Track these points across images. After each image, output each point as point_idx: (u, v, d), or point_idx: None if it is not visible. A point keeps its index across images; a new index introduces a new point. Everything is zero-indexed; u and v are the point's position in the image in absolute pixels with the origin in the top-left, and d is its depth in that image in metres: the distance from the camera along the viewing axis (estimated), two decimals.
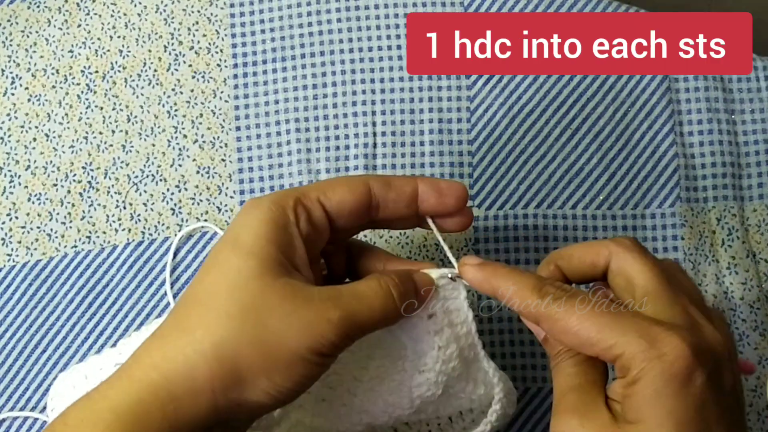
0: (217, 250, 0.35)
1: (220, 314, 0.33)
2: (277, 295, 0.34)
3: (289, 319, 0.33)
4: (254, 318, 0.33)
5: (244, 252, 0.34)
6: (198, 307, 0.34)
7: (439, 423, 0.44)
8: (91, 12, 0.56)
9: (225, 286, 0.34)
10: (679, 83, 0.54)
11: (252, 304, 0.33)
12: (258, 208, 0.36)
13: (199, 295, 0.34)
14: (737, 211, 0.52)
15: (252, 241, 0.35)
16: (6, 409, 0.50)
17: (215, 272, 0.35)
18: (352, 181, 0.38)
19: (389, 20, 0.54)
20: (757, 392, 0.50)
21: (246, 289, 0.34)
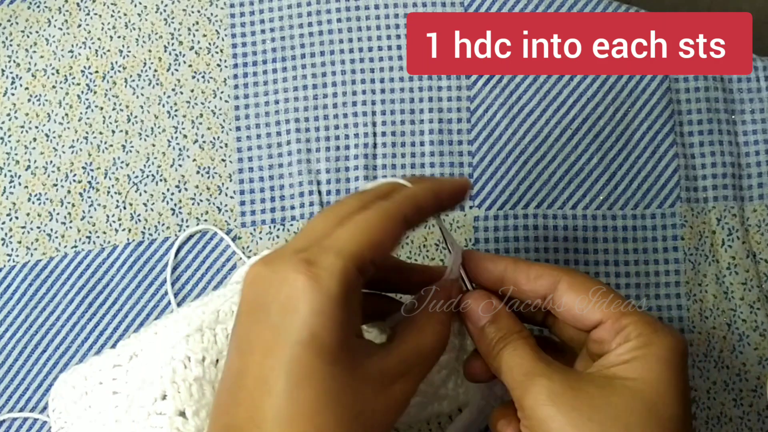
0: (295, 352, 0.29)
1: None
2: (370, 388, 0.31)
3: (383, 411, 0.31)
4: (359, 427, 0.30)
5: (328, 353, 0.29)
6: (302, 426, 0.29)
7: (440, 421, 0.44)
8: (91, 12, 0.56)
9: (320, 402, 0.29)
10: (679, 83, 0.54)
11: (355, 418, 0.30)
12: (322, 285, 0.30)
13: (292, 416, 0.29)
14: (737, 211, 0.52)
15: (333, 337, 0.30)
16: (6, 409, 0.50)
17: (304, 385, 0.29)
18: (392, 223, 0.32)
19: (389, 20, 0.54)
20: (757, 392, 0.50)
21: (343, 403, 0.30)
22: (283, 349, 0.30)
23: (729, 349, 0.50)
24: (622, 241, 0.51)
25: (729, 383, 0.50)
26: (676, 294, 0.51)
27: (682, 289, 0.51)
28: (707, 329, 0.50)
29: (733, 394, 0.50)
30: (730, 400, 0.49)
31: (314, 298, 0.29)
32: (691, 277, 0.51)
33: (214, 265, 0.52)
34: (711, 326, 0.50)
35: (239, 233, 0.52)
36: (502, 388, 0.41)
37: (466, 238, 0.52)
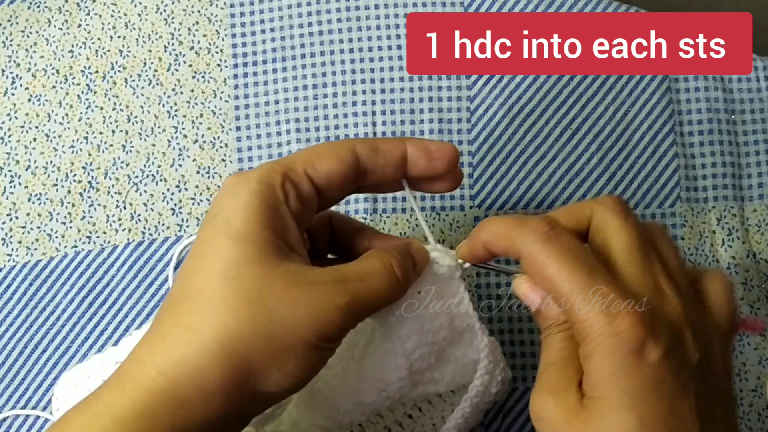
0: (208, 237, 0.33)
1: (225, 308, 0.31)
2: (281, 283, 0.32)
3: (296, 307, 0.32)
4: (261, 309, 0.32)
5: (239, 238, 0.32)
6: (199, 302, 0.32)
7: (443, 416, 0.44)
8: (91, 12, 0.56)
9: (224, 276, 0.32)
10: (679, 83, 0.54)
11: (257, 295, 0.32)
12: (244, 186, 0.34)
13: (198, 288, 0.32)
14: (737, 211, 0.52)
15: (245, 226, 0.33)
16: (6, 409, 0.50)
17: (210, 262, 0.33)
18: (338, 148, 0.36)
19: (389, 20, 0.54)
20: (758, 392, 0.50)
21: (248, 279, 0.32)
22: (204, 232, 0.33)
23: None
24: None
25: None
26: None
27: None
28: None
29: (733, 394, 0.50)
30: None
31: (235, 193, 0.33)
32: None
33: None
34: None
35: None
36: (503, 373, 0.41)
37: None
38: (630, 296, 0.32)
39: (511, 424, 0.49)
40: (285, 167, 0.35)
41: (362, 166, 0.36)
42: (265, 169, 0.34)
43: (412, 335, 0.38)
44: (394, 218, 0.52)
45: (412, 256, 0.37)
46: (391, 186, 0.39)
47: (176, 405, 0.31)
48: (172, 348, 0.31)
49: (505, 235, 0.34)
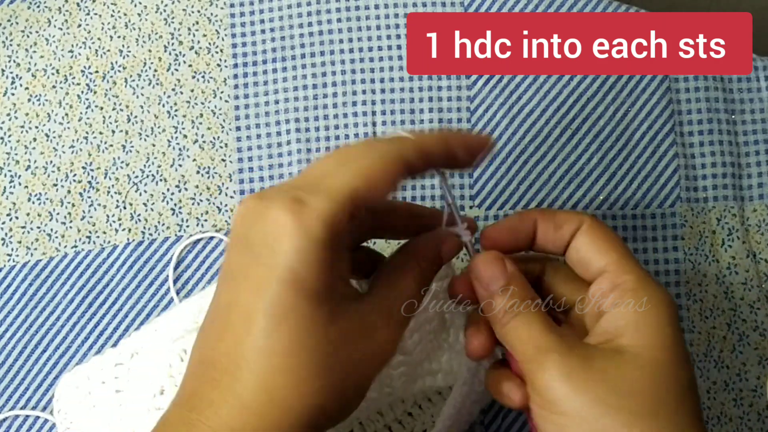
0: (276, 290, 0.29)
1: (309, 377, 0.29)
2: (353, 339, 0.31)
3: (368, 361, 0.32)
4: (339, 371, 0.30)
5: (310, 294, 0.29)
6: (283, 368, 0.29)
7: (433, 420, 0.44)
8: (91, 12, 0.56)
9: (300, 342, 0.29)
10: (679, 83, 0.54)
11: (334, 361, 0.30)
12: (305, 229, 0.29)
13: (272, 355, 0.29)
14: (737, 211, 0.52)
15: (315, 277, 0.29)
16: (6, 409, 0.50)
17: (282, 323, 0.29)
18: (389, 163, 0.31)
19: (389, 20, 0.54)
20: (758, 392, 0.50)
21: (325, 343, 0.30)
22: (267, 287, 0.29)
23: (729, 349, 0.50)
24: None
25: (729, 383, 0.50)
26: (676, 294, 0.51)
27: (682, 289, 0.51)
28: (707, 329, 0.50)
29: (733, 394, 0.50)
30: (730, 400, 0.49)
31: (297, 237, 0.29)
32: (691, 277, 0.51)
33: (214, 265, 0.52)
34: (711, 326, 0.50)
35: None
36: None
37: None
38: None
39: (511, 424, 0.49)
40: (348, 201, 0.30)
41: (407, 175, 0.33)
42: (325, 203, 0.30)
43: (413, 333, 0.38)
44: None
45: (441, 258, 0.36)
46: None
47: None
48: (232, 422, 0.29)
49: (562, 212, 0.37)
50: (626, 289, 0.34)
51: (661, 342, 0.33)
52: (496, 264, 0.35)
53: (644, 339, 0.33)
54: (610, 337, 0.33)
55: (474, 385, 0.40)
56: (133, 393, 0.42)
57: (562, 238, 0.36)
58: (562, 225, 0.36)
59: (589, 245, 0.35)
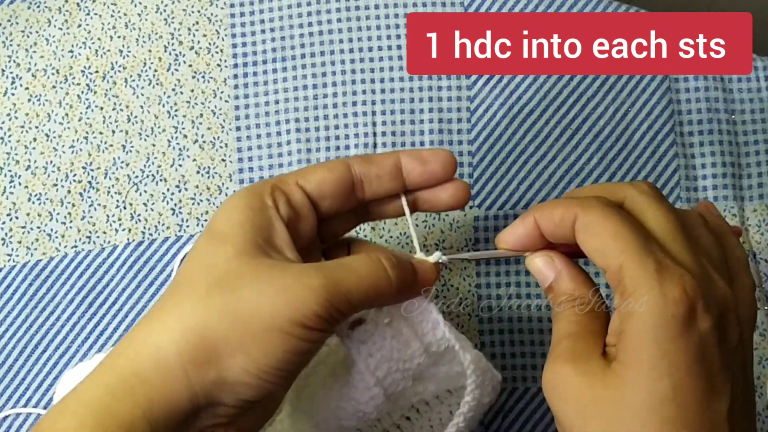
0: (195, 243, 0.35)
1: (189, 294, 0.32)
2: (251, 268, 0.33)
3: (262, 287, 0.32)
4: (224, 290, 0.32)
5: (218, 239, 0.34)
6: (172, 296, 0.33)
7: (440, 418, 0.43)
8: (91, 12, 0.56)
9: (197, 270, 0.33)
10: (679, 83, 0.54)
11: (222, 279, 0.32)
12: (233, 197, 0.36)
13: (174, 285, 0.34)
14: (737, 211, 0.52)
15: (226, 228, 0.34)
16: (6, 408, 0.50)
17: (191, 262, 0.34)
18: (330, 162, 0.38)
19: (389, 20, 0.54)
20: (758, 392, 0.50)
21: (217, 268, 0.33)
22: (198, 239, 0.35)
23: None
24: None
25: None
26: None
27: None
28: None
29: None
30: None
31: (228, 203, 0.36)
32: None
33: None
34: None
35: None
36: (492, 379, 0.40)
37: (466, 238, 0.52)
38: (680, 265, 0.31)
39: (511, 424, 0.49)
40: (275, 179, 0.37)
41: (356, 176, 0.37)
42: (255, 183, 0.37)
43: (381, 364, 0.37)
44: (395, 218, 0.52)
45: (413, 265, 0.36)
46: (393, 206, 0.39)
47: (137, 383, 0.31)
48: (139, 335, 0.33)
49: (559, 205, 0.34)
50: (621, 290, 0.31)
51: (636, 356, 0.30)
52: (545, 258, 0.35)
53: (625, 351, 0.30)
54: (612, 341, 0.32)
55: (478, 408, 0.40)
56: None
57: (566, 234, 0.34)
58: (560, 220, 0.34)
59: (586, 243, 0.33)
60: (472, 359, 0.38)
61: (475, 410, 0.39)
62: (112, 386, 0.31)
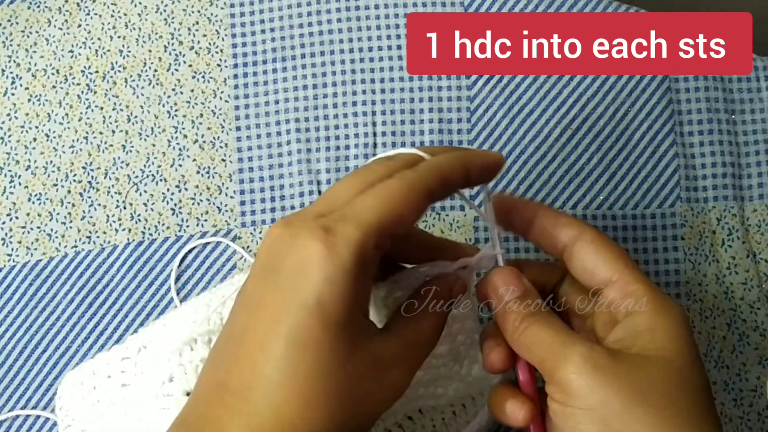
0: (299, 318, 0.29)
1: (320, 406, 0.30)
2: (369, 375, 0.31)
3: (379, 395, 0.32)
4: (349, 404, 0.30)
5: (333, 325, 0.29)
6: (281, 392, 0.29)
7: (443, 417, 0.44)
8: (91, 12, 0.56)
9: (319, 372, 0.29)
10: (679, 83, 0.54)
11: (351, 392, 0.30)
12: (337, 259, 0.29)
13: (289, 383, 0.29)
14: (737, 211, 0.52)
15: (341, 309, 0.29)
16: (6, 409, 0.50)
17: (303, 351, 0.29)
18: (417, 198, 0.31)
19: (389, 20, 0.54)
20: (758, 392, 0.50)
21: (342, 375, 0.30)
22: (288, 314, 0.29)
23: (729, 349, 0.50)
24: (622, 241, 0.51)
25: (729, 383, 0.50)
26: (676, 294, 0.51)
27: (682, 289, 0.51)
28: (707, 329, 0.50)
29: (733, 394, 0.50)
30: (730, 400, 0.49)
31: (327, 266, 0.29)
32: (691, 277, 0.51)
33: (214, 266, 0.52)
34: (711, 326, 0.50)
35: (239, 233, 0.52)
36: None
37: (466, 238, 0.52)
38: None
39: None
40: (377, 233, 0.30)
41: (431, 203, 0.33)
42: (357, 235, 0.30)
43: None
44: None
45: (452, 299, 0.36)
46: None
47: None
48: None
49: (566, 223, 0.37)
50: (639, 297, 0.35)
51: (678, 347, 0.33)
52: (512, 277, 0.36)
53: (662, 344, 0.33)
54: (626, 343, 0.34)
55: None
56: (140, 384, 0.43)
57: (560, 241, 0.37)
58: (562, 227, 0.37)
59: (594, 255, 0.36)
60: None
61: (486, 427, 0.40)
62: None
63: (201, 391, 0.32)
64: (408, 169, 0.32)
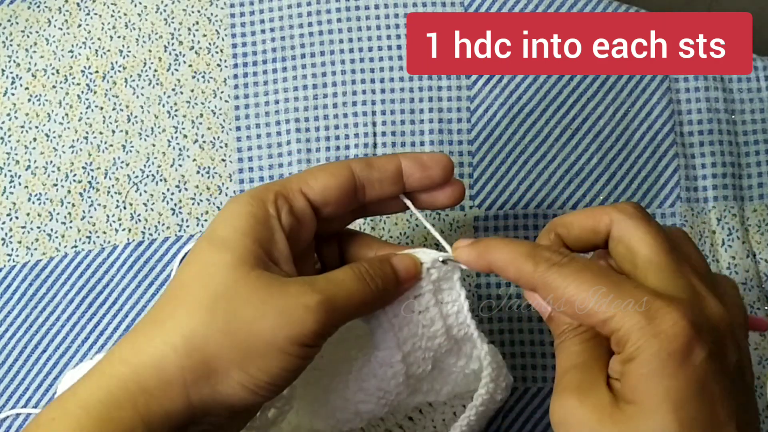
0: (195, 246, 0.35)
1: (191, 305, 0.33)
2: (250, 285, 0.33)
3: (263, 308, 0.32)
4: (225, 308, 0.32)
5: (218, 245, 0.34)
6: (171, 301, 0.34)
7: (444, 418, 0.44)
8: (91, 12, 0.56)
9: (197, 278, 0.33)
10: (679, 83, 0.54)
11: (223, 294, 0.33)
12: (237, 202, 0.35)
13: (174, 290, 0.34)
14: (737, 211, 0.52)
15: (228, 234, 0.34)
16: (6, 408, 0.50)
17: (190, 267, 0.34)
18: (333, 166, 0.37)
19: (389, 20, 0.54)
20: (758, 392, 0.50)
21: (217, 280, 0.33)
22: (201, 249, 0.35)
23: None
24: None
25: None
26: None
27: None
28: None
29: None
30: None
31: (229, 208, 0.35)
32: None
33: None
34: None
35: None
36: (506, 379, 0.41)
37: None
38: (666, 298, 0.31)
39: (511, 424, 0.49)
40: (279, 186, 0.36)
41: (358, 181, 0.37)
42: (259, 187, 0.36)
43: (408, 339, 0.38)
44: (394, 218, 0.52)
45: (393, 266, 0.37)
46: (392, 204, 0.39)
47: (137, 391, 0.32)
48: (140, 341, 0.33)
49: (515, 265, 0.34)
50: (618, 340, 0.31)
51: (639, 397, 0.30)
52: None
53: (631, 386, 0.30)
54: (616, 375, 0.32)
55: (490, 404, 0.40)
56: None
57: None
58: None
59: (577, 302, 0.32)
60: (488, 351, 0.39)
61: (487, 405, 0.39)
62: (113, 392, 0.32)
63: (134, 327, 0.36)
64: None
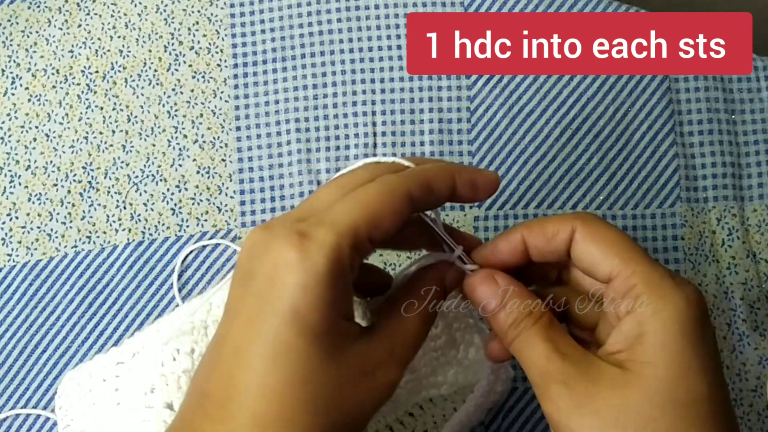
0: (273, 325, 0.29)
1: (303, 415, 0.29)
2: (352, 377, 0.30)
3: (366, 398, 0.31)
4: (336, 410, 0.30)
5: (313, 335, 0.29)
6: (263, 405, 0.29)
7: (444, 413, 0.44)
8: (91, 12, 0.56)
9: (300, 381, 0.29)
10: (679, 83, 0.54)
11: (332, 397, 0.30)
12: (309, 262, 0.29)
13: (266, 391, 0.29)
14: (737, 211, 0.52)
15: (317, 315, 0.29)
16: (6, 408, 0.50)
17: (277, 359, 0.29)
18: (396, 202, 0.31)
19: (389, 20, 0.54)
20: (757, 392, 0.50)
21: (324, 381, 0.29)
22: (263, 321, 0.29)
23: (729, 349, 0.50)
24: None
25: (729, 383, 0.50)
26: None
27: None
28: None
29: (733, 394, 0.50)
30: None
31: (300, 272, 0.29)
32: (691, 277, 0.51)
33: (214, 266, 0.52)
34: None
35: (239, 233, 0.52)
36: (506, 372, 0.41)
37: None
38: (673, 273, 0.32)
39: (511, 424, 0.49)
40: (353, 237, 0.30)
41: (412, 212, 0.32)
42: (331, 239, 0.29)
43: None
44: None
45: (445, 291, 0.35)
46: None
47: None
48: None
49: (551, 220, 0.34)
50: (635, 295, 0.31)
51: (668, 356, 0.30)
52: (488, 284, 0.34)
53: (651, 355, 0.30)
54: (621, 347, 0.31)
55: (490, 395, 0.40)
56: (129, 391, 0.42)
57: (558, 249, 0.34)
58: (554, 235, 0.34)
59: (589, 253, 0.33)
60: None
61: (485, 396, 0.39)
62: None
63: (186, 400, 0.32)
64: (391, 174, 0.32)
